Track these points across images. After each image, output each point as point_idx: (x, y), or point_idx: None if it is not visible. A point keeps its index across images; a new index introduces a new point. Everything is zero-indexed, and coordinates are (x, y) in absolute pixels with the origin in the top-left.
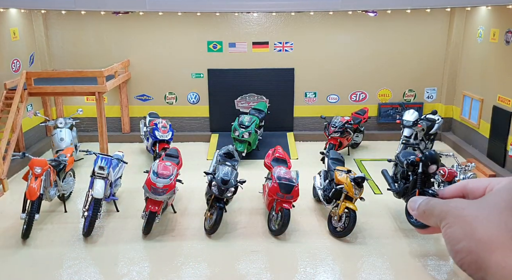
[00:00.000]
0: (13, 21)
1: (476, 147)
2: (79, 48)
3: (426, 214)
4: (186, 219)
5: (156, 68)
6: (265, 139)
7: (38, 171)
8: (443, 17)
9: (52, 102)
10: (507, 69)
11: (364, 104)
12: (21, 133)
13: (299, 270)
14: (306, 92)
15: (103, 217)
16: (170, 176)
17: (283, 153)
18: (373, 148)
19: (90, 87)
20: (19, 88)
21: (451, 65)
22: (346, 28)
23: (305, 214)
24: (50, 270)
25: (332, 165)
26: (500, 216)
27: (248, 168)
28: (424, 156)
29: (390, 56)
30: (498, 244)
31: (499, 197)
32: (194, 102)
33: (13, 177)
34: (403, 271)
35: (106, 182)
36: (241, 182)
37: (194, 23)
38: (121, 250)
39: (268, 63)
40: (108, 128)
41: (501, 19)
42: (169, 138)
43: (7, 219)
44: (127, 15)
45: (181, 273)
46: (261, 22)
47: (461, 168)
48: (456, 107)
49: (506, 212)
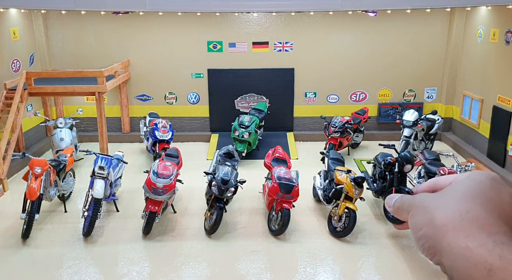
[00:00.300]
0: (13, 21)
1: (476, 147)
2: (79, 48)
3: (399, 209)
4: (186, 219)
5: (156, 68)
6: (265, 139)
7: (38, 171)
8: (443, 17)
9: (52, 102)
10: (507, 69)
11: (364, 104)
12: (21, 133)
13: (299, 270)
14: (306, 92)
15: (103, 217)
16: (170, 176)
17: (283, 153)
18: (373, 148)
19: (90, 87)
20: (19, 88)
21: (451, 65)
22: (346, 28)
23: (305, 214)
24: (50, 270)
25: (332, 165)
26: (455, 204)
27: (248, 168)
28: (400, 157)
29: (390, 56)
30: (450, 228)
31: (456, 188)
32: (194, 102)
33: (13, 177)
34: (403, 271)
35: (106, 182)
36: (241, 182)
37: (194, 23)
38: (121, 250)
39: (268, 63)
40: (108, 128)
41: (501, 19)
42: (169, 138)
43: (7, 219)
44: (127, 15)
45: (181, 273)
46: (261, 22)
47: (461, 168)
48: (456, 107)
49: (460, 200)
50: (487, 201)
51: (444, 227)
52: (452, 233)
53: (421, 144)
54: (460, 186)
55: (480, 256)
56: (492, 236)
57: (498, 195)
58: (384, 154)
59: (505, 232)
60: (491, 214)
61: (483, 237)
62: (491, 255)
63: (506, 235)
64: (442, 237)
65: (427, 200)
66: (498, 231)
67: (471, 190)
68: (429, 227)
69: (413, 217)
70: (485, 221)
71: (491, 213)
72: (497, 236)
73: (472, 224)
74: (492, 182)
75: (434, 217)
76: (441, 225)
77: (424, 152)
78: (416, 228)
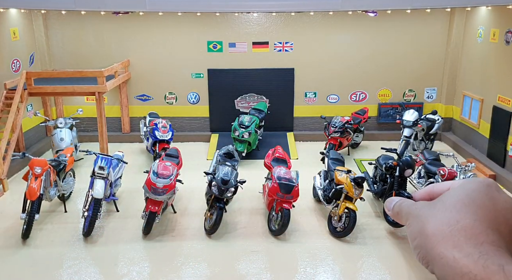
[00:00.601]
0: (13, 21)
1: (476, 147)
2: (79, 48)
3: (398, 214)
4: (186, 219)
5: (156, 68)
6: (265, 139)
7: (38, 171)
8: (443, 17)
9: (52, 102)
10: (507, 69)
11: (364, 104)
12: (21, 133)
13: (299, 270)
14: (306, 92)
15: (103, 217)
16: (170, 176)
17: (283, 153)
18: (373, 148)
19: (90, 87)
20: (19, 88)
21: (451, 65)
22: (346, 28)
23: (305, 214)
24: (50, 270)
25: (332, 165)
26: (446, 213)
27: (248, 168)
28: (401, 161)
29: (390, 56)
30: (440, 238)
31: (449, 197)
32: (194, 102)
33: (13, 177)
34: (403, 271)
35: (106, 182)
36: (241, 182)
37: (194, 23)
38: (121, 250)
39: (268, 63)
40: (108, 128)
41: (501, 19)
42: (169, 138)
43: (7, 219)
44: (127, 15)
45: (181, 273)
46: (261, 22)
47: (461, 168)
48: (456, 107)
49: (451, 210)
50: (478, 210)
51: (435, 237)
52: (442, 243)
53: (421, 144)
54: (453, 195)
55: (465, 266)
56: (478, 247)
57: (491, 202)
58: (386, 157)
59: (492, 241)
60: (481, 222)
61: (469, 247)
62: (476, 266)
63: (494, 244)
64: (432, 247)
65: (421, 209)
66: (485, 241)
67: (463, 198)
68: (421, 237)
69: (409, 225)
70: (473, 231)
71: (481, 222)
72: (483, 246)
73: (461, 234)
74: (487, 189)
75: (425, 227)
76: (432, 235)
77: (424, 152)
78: (411, 237)
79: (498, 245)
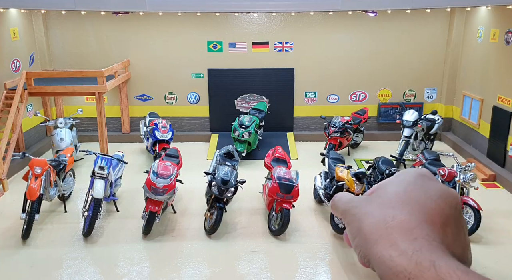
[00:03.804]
0: (13, 21)
1: (476, 147)
2: (79, 48)
3: (337, 211)
4: (186, 219)
5: (156, 68)
6: (265, 139)
7: (38, 171)
8: (443, 17)
9: (52, 102)
10: (507, 69)
11: (364, 104)
12: (21, 133)
13: (299, 270)
14: (306, 92)
15: (103, 217)
16: (170, 176)
17: (283, 153)
18: (373, 148)
19: (90, 87)
20: (19, 88)
21: (451, 65)
22: (346, 28)
23: (305, 214)
24: (50, 270)
25: (333, 165)
26: (383, 210)
27: (248, 168)
28: None
29: (390, 56)
30: (377, 237)
31: (385, 192)
32: (194, 102)
33: (13, 177)
34: None
35: (106, 182)
36: (241, 182)
37: (194, 23)
38: (121, 250)
39: (268, 63)
40: (108, 128)
41: (501, 19)
42: (169, 138)
43: (7, 219)
44: (127, 15)
45: (181, 273)
46: (261, 22)
47: (461, 168)
48: (456, 107)
49: (386, 206)
50: (413, 203)
51: (372, 235)
52: (379, 242)
53: (421, 144)
54: (389, 189)
55: (400, 265)
56: (412, 243)
57: (425, 193)
58: (386, 160)
59: (426, 235)
60: (416, 216)
61: (404, 244)
62: (410, 263)
63: (427, 238)
64: (371, 247)
65: (358, 207)
66: (419, 236)
67: (399, 192)
68: (359, 236)
69: (347, 224)
70: (408, 225)
71: (416, 215)
72: (417, 242)
73: (396, 231)
74: (422, 179)
75: (362, 225)
76: (369, 233)
77: (424, 152)
78: (351, 236)
79: (433, 238)
